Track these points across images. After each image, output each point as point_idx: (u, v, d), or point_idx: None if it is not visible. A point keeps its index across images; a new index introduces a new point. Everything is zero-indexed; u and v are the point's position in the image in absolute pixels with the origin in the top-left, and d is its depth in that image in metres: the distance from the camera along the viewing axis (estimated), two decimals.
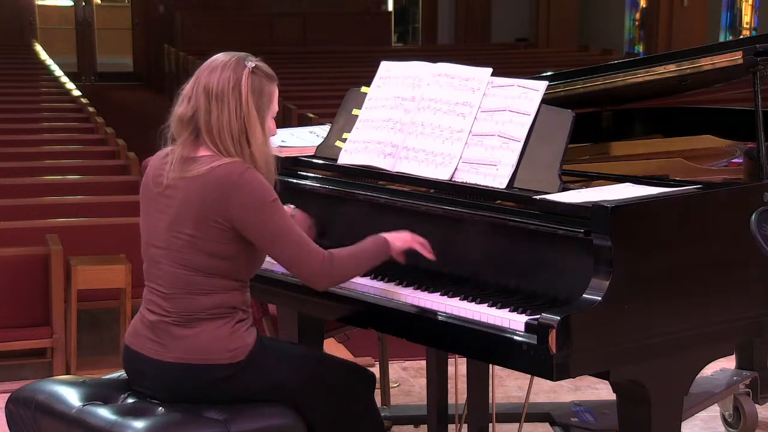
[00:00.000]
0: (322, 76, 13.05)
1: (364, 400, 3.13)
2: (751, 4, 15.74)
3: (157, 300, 2.96)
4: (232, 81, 2.92)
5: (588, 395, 4.67)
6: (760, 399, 4.36)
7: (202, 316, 2.92)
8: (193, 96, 2.95)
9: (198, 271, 2.91)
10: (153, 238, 2.98)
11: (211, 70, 2.94)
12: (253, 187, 2.86)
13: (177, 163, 2.93)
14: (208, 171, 2.88)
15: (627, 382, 2.83)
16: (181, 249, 2.90)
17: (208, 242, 2.89)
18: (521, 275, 2.91)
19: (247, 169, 2.88)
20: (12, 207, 5.92)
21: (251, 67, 2.95)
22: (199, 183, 2.88)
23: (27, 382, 3.32)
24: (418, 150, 3.23)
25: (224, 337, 2.92)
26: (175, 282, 2.92)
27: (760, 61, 3.20)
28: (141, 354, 2.97)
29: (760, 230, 2.96)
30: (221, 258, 2.90)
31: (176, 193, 2.92)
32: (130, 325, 3.07)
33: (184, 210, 2.90)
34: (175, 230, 2.91)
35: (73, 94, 10.52)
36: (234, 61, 2.95)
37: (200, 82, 2.94)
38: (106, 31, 19.34)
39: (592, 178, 3.22)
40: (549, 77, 3.40)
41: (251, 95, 2.92)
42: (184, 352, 2.92)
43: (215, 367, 2.91)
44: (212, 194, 2.87)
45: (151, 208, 3.00)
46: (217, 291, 2.92)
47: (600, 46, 16.04)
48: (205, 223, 2.87)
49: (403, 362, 5.19)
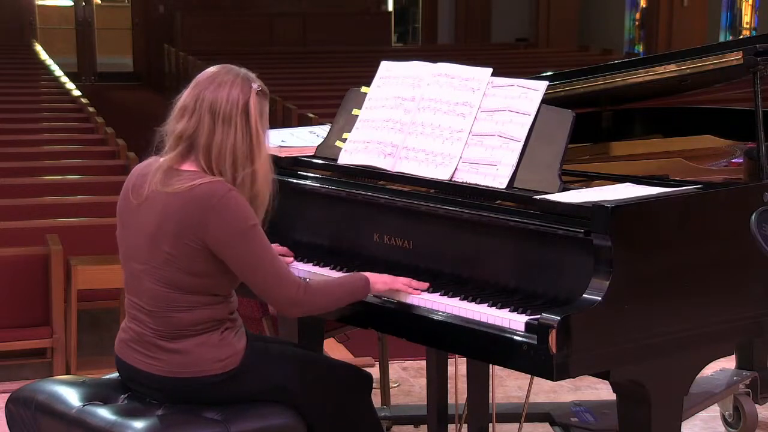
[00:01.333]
0: (322, 76, 13.05)
1: (361, 401, 3.13)
2: (751, 4, 15.74)
3: (140, 315, 2.92)
4: (241, 103, 2.84)
5: (588, 395, 4.67)
6: (760, 399, 4.36)
7: (187, 333, 2.88)
8: (196, 112, 2.85)
9: (179, 289, 2.85)
10: (133, 252, 2.92)
11: (217, 87, 2.86)
12: (231, 212, 2.79)
13: (160, 173, 2.86)
14: (189, 189, 2.81)
15: (627, 382, 2.83)
16: (160, 266, 2.85)
17: (185, 260, 2.83)
18: (521, 275, 2.91)
19: (228, 191, 2.81)
20: (12, 207, 5.92)
21: (257, 89, 2.89)
22: (179, 200, 2.81)
23: (27, 382, 3.32)
24: (418, 150, 3.23)
25: (213, 347, 2.89)
26: (157, 299, 2.87)
27: (760, 61, 3.20)
28: (133, 366, 2.95)
29: (760, 230, 2.96)
30: (201, 276, 2.85)
31: (155, 207, 2.85)
32: (117, 337, 3.02)
33: (163, 226, 2.83)
34: (154, 247, 2.85)
35: (73, 94, 10.52)
36: (240, 80, 2.87)
37: (204, 99, 2.85)
38: (106, 31, 19.34)
39: (592, 178, 3.22)
40: (549, 77, 3.40)
41: (259, 118, 2.88)
42: (175, 366, 2.89)
43: (209, 378, 2.90)
44: (190, 215, 2.80)
45: (130, 221, 2.93)
46: (200, 307, 2.88)
47: (600, 46, 16.04)
48: (183, 241, 2.81)
49: (403, 362, 5.19)
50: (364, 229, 3.25)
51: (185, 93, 2.91)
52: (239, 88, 2.86)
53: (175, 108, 2.91)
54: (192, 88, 2.91)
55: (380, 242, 3.22)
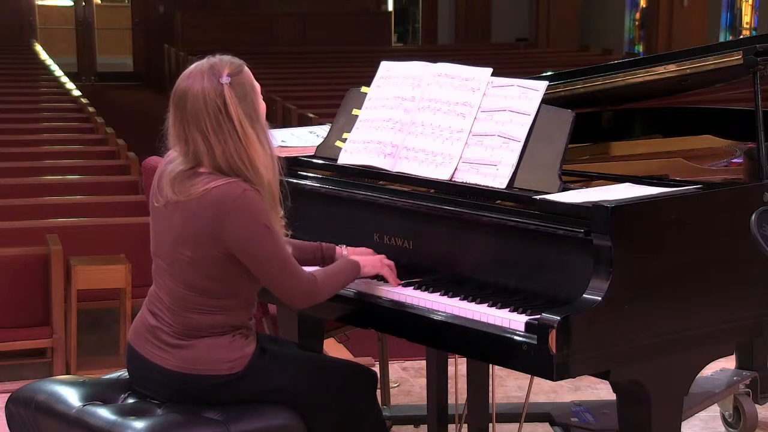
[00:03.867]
0: (322, 76, 13.05)
1: (366, 399, 3.13)
2: (751, 4, 15.74)
3: (161, 307, 2.96)
4: (222, 108, 2.82)
5: (588, 395, 4.67)
6: (760, 399, 4.36)
7: (201, 333, 2.92)
8: (188, 138, 2.86)
9: (198, 292, 2.89)
10: (159, 249, 2.97)
11: (196, 110, 2.83)
12: (246, 213, 2.82)
13: (175, 181, 2.88)
14: (203, 194, 2.83)
15: (627, 382, 2.83)
16: (183, 268, 2.89)
17: (207, 264, 2.86)
18: (521, 275, 2.91)
19: (243, 192, 2.82)
20: (12, 207, 5.92)
21: (227, 83, 2.86)
22: (194, 206, 2.85)
23: (27, 382, 3.32)
24: (418, 150, 3.23)
25: (223, 348, 2.92)
26: (178, 299, 2.92)
27: (760, 61, 3.20)
28: (143, 357, 2.97)
29: (760, 230, 2.96)
30: (220, 280, 2.89)
31: (175, 212, 2.89)
32: (133, 321, 3.07)
33: (183, 231, 2.87)
34: (176, 250, 2.89)
35: (73, 94, 10.52)
36: (210, 85, 2.84)
37: (190, 125, 2.85)
38: (106, 31, 19.35)
39: (592, 178, 3.22)
40: (549, 77, 3.40)
41: (240, 110, 2.85)
42: (183, 361, 2.92)
43: (215, 377, 2.92)
44: (206, 218, 2.83)
45: (157, 218, 2.98)
46: (219, 312, 2.92)
47: (600, 46, 16.04)
48: (202, 245, 2.85)
49: (403, 362, 5.19)
50: (364, 229, 3.25)
51: (170, 117, 2.91)
52: (213, 93, 2.83)
53: (167, 124, 2.92)
54: (173, 111, 2.90)
55: (380, 242, 3.22)
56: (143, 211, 5.39)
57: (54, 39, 18.64)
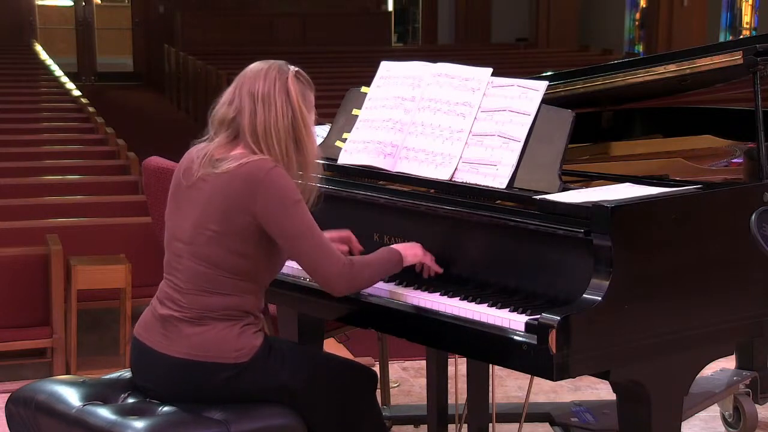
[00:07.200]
0: (322, 76, 13.03)
1: (365, 399, 3.14)
2: (751, 4, 15.74)
3: (171, 293, 2.98)
4: (278, 83, 2.96)
5: (588, 395, 4.67)
6: (760, 399, 4.36)
7: (213, 315, 2.94)
8: (236, 98, 2.98)
9: (218, 268, 2.92)
10: (178, 231, 3.00)
11: (254, 76, 2.98)
12: (277, 185, 2.88)
13: (207, 160, 2.96)
14: (236, 167, 2.91)
15: (627, 382, 2.83)
16: (204, 244, 2.93)
17: (231, 238, 2.90)
18: (521, 275, 2.91)
19: (274, 167, 2.90)
20: (12, 207, 5.92)
21: (294, 71, 3.00)
22: (225, 178, 2.92)
23: (27, 382, 3.32)
24: (418, 150, 3.23)
25: (232, 337, 2.94)
26: (194, 278, 2.94)
27: (760, 61, 3.20)
28: (149, 347, 2.98)
29: (760, 230, 2.96)
30: (243, 256, 2.92)
31: (204, 187, 2.95)
32: (140, 318, 3.08)
33: (210, 205, 2.93)
34: (200, 226, 2.93)
35: (73, 94, 10.51)
36: (276, 66, 2.99)
37: (243, 87, 2.98)
38: (106, 31, 19.35)
39: (592, 178, 3.22)
40: (549, 77, 3.40)
41: (299, 96, 2.97)
42: (190, 348, 2.93)
43: (220, 366, 2.92)
44: (238, 189, 2.89)
45: (178, 201, 3.03)
46: (233, 293, 2.94)
47: (600, 46, 16.03)
48: (230, 217, 2.90)
49: (403, 362, 5.19)
50: (364, 229, 3.25)
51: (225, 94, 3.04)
52: (276, 71, 2.98)
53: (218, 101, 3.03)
54: (233, 83, 3.03)
55: (380, 242, 3.22)
56: (143, 211, 5.40)
57: (54, 39, 18.64)
